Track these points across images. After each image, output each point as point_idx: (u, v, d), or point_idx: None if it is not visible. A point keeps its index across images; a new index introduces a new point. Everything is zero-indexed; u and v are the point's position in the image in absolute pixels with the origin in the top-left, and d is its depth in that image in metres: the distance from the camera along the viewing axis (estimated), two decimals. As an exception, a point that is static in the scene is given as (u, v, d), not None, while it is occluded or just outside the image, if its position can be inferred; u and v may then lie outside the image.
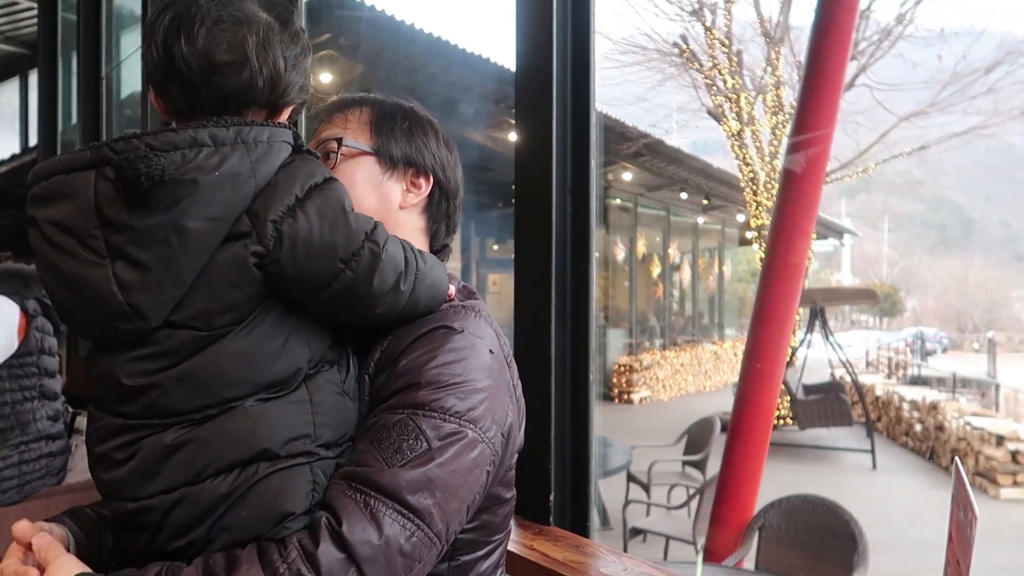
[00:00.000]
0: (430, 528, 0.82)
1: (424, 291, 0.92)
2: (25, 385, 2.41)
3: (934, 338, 32.31)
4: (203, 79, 0.86)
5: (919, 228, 58.62)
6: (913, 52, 12.06)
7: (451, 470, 0.84)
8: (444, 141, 1.11)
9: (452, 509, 0.84)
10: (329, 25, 6.73)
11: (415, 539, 0.80)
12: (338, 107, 1.08)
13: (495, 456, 0.90)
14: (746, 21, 11.91)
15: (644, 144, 10.94)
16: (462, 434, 0.86)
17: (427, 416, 0.85)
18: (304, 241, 0.83)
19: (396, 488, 0.80)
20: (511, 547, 1.53)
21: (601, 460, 4.60)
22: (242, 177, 0.82)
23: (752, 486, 3.90)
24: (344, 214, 0.86)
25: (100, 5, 4.19)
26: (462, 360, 0.90)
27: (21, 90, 10.05)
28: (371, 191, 1.04)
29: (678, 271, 16.61)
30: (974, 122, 13.07)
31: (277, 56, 0.89)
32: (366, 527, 0.78)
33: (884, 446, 9.24)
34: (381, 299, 0.88)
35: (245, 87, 0.87)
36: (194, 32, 0.85)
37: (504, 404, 0.93)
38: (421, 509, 0.81)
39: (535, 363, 1.70)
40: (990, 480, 7.26)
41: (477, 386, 0.89)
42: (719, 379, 15.85)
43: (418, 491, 0.81)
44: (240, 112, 0.89)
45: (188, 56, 0.85)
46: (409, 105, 1.11)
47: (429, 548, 0.82)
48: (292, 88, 0.92)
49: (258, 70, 0.87)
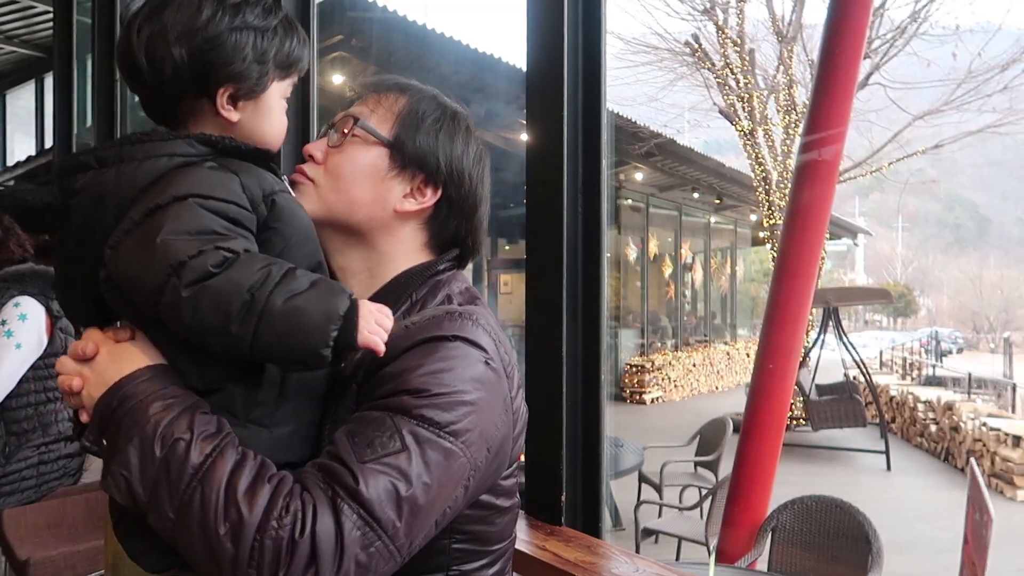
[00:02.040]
0: (392, 542, 0.77)
1: (272, 339, 0.76)
2: (49, 386, 2.44)
3: (949, 338, 32.07)
4: (134, 86, 0.88)
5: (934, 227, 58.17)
6: (928, 50, 11.96)
7: (424, 482, 0.79)
8: (476, 157, 1.03)
9: (418, 524, 0.80)
10: (341, 27, 6.75)
11: (373, 550, 0.76)
12: (376, 87, 1.03)
13: (474, 471, 0.85)
14: (758, 20, 11.87)
15: (656, 144, 10.90)
16: (439, 445, 0.81)
17: (407, 421, 0.81)
18: (119, 273, 0.79)
19: (366, 496, 0.76)
20: (522, 547, 1.53)
21: (613, 460, 4.60)
22: (104, 198, 0.81)
23: (765, 487, 3.89)
24: (153, 244, 0.76)
25: (115, 8, 4.23)
26: (451, 370, 0.85)
27: (37, 93, 10.15)
28: (369, 183, 0.97)
29: (690, 271, 16.56)
30: (989, 120, 12.94)
31: (169, 45, 0.83)
32: (329, 524, 0.74)
33: (898, 447, 9.18)
34: (209, 336, 0.76)
35: (154, 85, 0.86)
36: (118, 46, 0.88)
37: (495, 419, 0.88)
38: (385, 521, 0.77)
39: (546, 363, 1.70)
40: (1006, 481, 7.19)
41: (465, 398, 0.84)
42: (731, 379, 15.78)
43: (387, 502, 0.77)
44: (177, 108, 0.88)
45: (122, 66, 0.88)
46: (454, 108, 1.03)
47: (387, 561, 0.78)
48: (210, 67, 0.84)
49: (157, 66, 0.84)
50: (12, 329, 2.32)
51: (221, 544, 0.73)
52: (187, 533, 0.74)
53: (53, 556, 2.34)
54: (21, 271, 2.43)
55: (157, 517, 0.75)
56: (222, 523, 0.73)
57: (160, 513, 0.75)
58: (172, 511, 0.74)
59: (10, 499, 2.37)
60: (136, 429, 0.77)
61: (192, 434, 0.76)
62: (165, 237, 0.76)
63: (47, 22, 7.80)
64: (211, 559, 0.74)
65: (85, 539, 2.43)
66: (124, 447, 0.77)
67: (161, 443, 0.76)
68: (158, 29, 0.84)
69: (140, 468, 0.76)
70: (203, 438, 0.76)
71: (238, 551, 0.73)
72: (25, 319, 2.35)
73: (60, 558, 2.35)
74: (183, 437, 0.76)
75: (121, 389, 0.80)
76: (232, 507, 0.73)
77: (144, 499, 0.75)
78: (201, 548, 0.74)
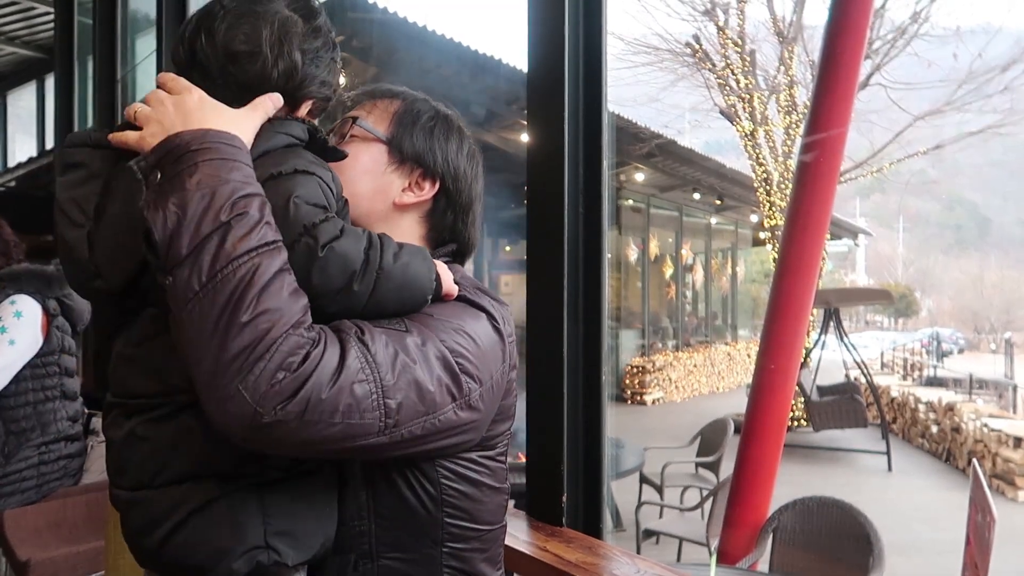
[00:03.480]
0: (382, 392, 0.79)
1: (390, 292, 0.86)
2: (47, 385, 2.45)
3: (950, 339, 32.03)
4: (220, 70, 0.90)
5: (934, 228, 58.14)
6: (928, 50, 11.95)
7: (418, 357, 0.83)
8: (469, 154, 1.08)
9: (408, 397, 0.81)
10: (342, 27, 6.75)
11: (367, 387, 0.78)
12: (372, 94, 1.09)
13: (466, 399, 0.88)
14: (759, 20, 11.86)
15: (656, 144, 10.90)
16: (438, 344, 0.86)
17: (414, 320, 0.87)
18: None
19: (369, 343, 0.80)
20: (524, 548, 1.53)
21: (614, 461, 4.59)
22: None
23: (766, 488, 3.88)
24: (285, 205, 0.82)
25: (116, 9, 4.23)
26: (460, 316, 0.92)
27: (38, 94, 10.16)
28: (370, 178, 1.02)
29: (691, 272, 16.55)
30: (990, 121, 12.94)
31: (293, 48, 0.91)
32: (336, 353, 0.77)
33: (899, 448, 9.17)
34: (329, 298, 0.83)
35: (259, 77, 0.90)
36: (215, 27, 0.90)
37: (497, 366, 0.93)
38: (382, 365, 0.80)
39: (547, 364, 1.70)
40: (1008, 482, 7.18)
41: (471, 335, 0.90)
42: (732, 380, 15.77)
43: (384, 356, 0.80)
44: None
45: (208, 49, 0.90)
46: (445, 111, 1.09)
47: (372, 412, 0.79)
48: (311, 81, 0.94)
49: (272, 61, 0.90)
50: (7, 325, 2.32)
51: (238, 331, 0.72)
52: (206, 308, 0.73)
53: (54, 557, 2.34)
54: (16, 271, 2.44)
55: (183, 277, 0.74)
56: (250, 310, 0.73)
57: (191, 272, 0.73)
58: (206, 277, 0.73)
59: (11, 500, 2.37)
60: (213, 181, 0.76)
61: (261, 216, 0.77)
62: (296, 200, 0.83)
63: (48, 23, 7.81)
64: (215, 344, 0.72)
65: (86, 540, 2.43)
66: (190, 189, 0.75)
67: (231, 208, 0.76)
68: (284, 31, 0.91)
69: (199, 218, 0.74)
70: (269, 225, 0.78)
71: (258, 343, 0.72)
72: (20, 316, 2.35)
73: (61, 559, 2.35)
74: (253, 214, 0.76)
75: (208, 136, 0.80)
76: (272, 298, 0.74)
77: (182, 251, 0.74)
78: (210, 330, 0.73)
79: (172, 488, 0.84)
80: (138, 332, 0.88)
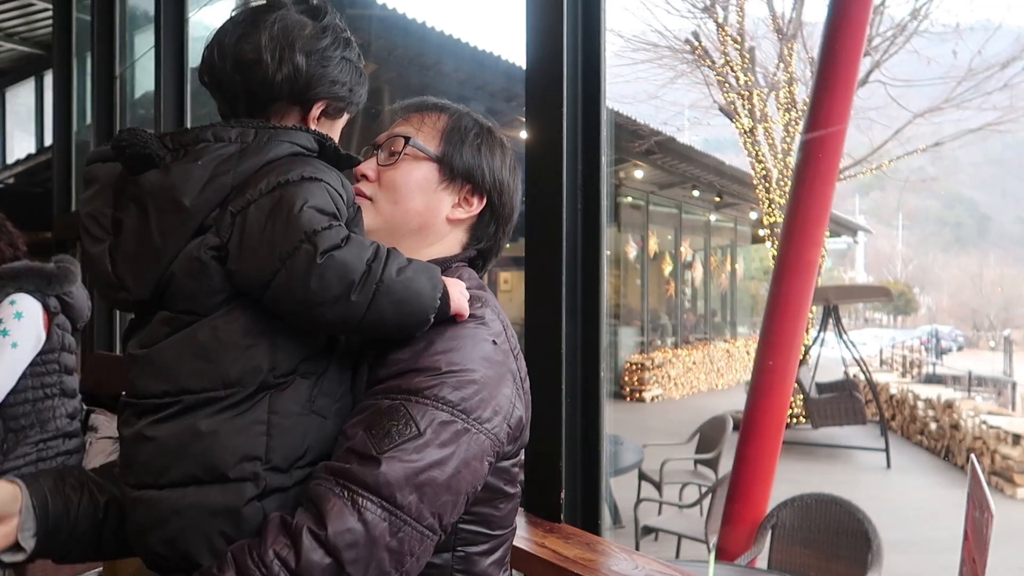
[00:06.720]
0: (419, 522, 0.81)
1: (390, 305, 0.85)
2: (47, 382, 2.44)
3: (949, 336, 32.08)
4: (228, 77, 0.92)
5: (934, 225, 58.17)
6: (928, 48, 11.95)
7: (440, 461, 0.82)
8: (511, 167, 1.11)
9: (444, 502, 0.83)
10: (341, 24, 6.74)
11: (402, 535, 0.80)
12: (418, 107, 1.10)
13: (497, 446, 0.89)
14: (758, 17, 11.84)
15: (656, 142, 10.89)
16: (454, 424, 0.84)
17: (420, 403, 0.84)
18: (247, 235, 0.84)
19: (385, 485, 0.79)
20: (522, 544, 1.53)
21: (612, 458, 4.60)
22: (221, 170, 0.86)
23: (765, 485, 3.89)
24: (291, 212, 0.83)
25: (114, 6, 4.23)
26: (460, 349, 0.89)
27: (36, 90, 10.15)
28: (421, 195, 1.04)
29: (690, 269, 16.55)
30: (990, 118, 12.92)
31: (295, 52, 0.92)
32: (352, 527, 0.77)
33: (898, 445, 9.18)
34: (327, 306, 0.83)
35: (262, 82, 0.91)
36: (225, 42, 0.93)
37: (509, 394, 0.92)
38: (409, 505, 0.80)
39: (546, 361, 1.70)
40: (1006, 479, 7.19)
41: (475, 376, 0.88)
42: (731, 377, 15.79)
43: (405, 487, 0.80)
44: (268, 108, 0.94)
45: (220, 64, 0.92)
46: (487, 124, 1.11)
47: (420, 542, 0.81)
48: (318, 82, 0.94)
49: (275, 67, 0.91)
50: (8, 328, 2.31)
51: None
52: None
53: (52, 554, 2.33)
54: (16, 268, 2.42)
55: None
56: None
57: None
58: None
59: (9, 497, 2.37)
60: None
61: None
62: (301, 207, 0.83)
63: (47, 20, 7.79)
64: None
65: (85, 537, 2.42)
66: None
67: None
68: (285, 36, 0.92)
69: None
70: None
71: None
72: (21, 317, 2.34)
73: (59, 556, 2.35)
74: None
75: None
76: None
77: None
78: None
79: (175, 490, 0.84)
80: (149, 334, 0.88)
